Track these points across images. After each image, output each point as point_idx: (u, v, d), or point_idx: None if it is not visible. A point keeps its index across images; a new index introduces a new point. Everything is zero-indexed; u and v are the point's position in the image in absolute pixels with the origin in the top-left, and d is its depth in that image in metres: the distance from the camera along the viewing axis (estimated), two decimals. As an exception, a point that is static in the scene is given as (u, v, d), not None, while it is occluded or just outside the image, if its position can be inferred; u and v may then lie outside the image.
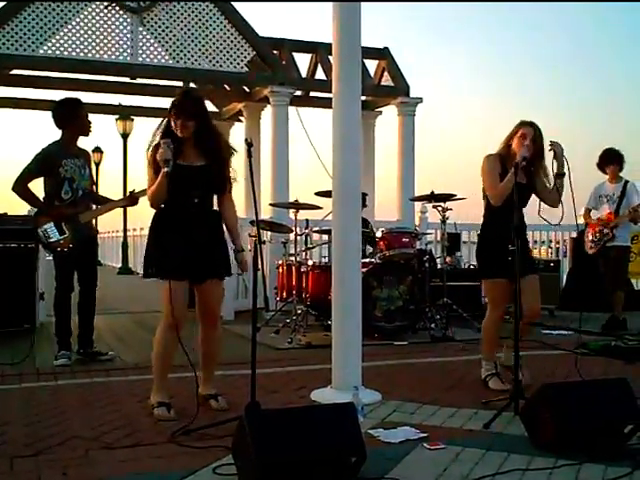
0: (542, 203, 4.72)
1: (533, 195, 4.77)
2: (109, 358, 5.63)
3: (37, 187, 5.37)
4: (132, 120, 17.16)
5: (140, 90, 10.31)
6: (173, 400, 4.11)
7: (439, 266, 8.04)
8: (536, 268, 4.88)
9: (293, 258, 7.45)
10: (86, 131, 5.54)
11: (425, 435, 3.60)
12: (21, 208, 7.59)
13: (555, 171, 4.57)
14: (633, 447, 3.42)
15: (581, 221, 9.37)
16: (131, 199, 5.44)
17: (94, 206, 5.59)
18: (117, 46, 8.58)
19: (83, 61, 8.46)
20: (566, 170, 4.54)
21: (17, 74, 9.30)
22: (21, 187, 5.30)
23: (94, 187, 5.69)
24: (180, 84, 10.31)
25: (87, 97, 10.46)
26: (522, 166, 4.51)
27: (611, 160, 7.56)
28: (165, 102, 11.35)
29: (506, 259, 4.45)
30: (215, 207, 4.15)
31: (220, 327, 4.28)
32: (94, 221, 5.72)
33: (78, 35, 8.42)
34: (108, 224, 20.44)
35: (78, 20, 8.41)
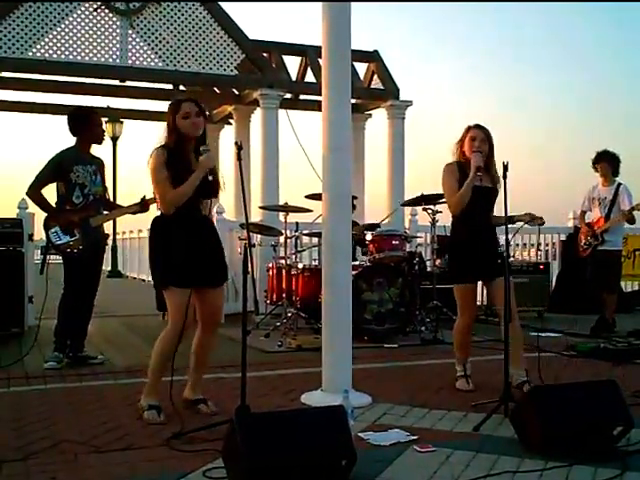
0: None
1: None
2: (99, 362, 5.61)
3: (51, 191, 5.45)
4: (121, 123, 17.10)
5: (129, 93, 10.29)
6: (162, 404, 4.10)
7: (429, 269, 8.06)
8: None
9: (283, 261, 7.45)
10: (99, 140, 5.61)
11: (415, 438, 3.61)
12: (9, 211, 7.58)
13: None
14: (622, 449, 3.43)
15: (570, 224, 9.43)
16: (143, 205, 5.30)
17: (105, 212, 5.60)
18: (106, 49, 8.57)
19: (72, 63, 8.45)
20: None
21: (5, 77, 9.26)
22: (34, 192, 5.37)
23: (107, 195, 5.69)
24: (169, 87, 10.31)
25: (75, 100, 10.49)
26: (479, 176, 4.59)
27: (602, 158, 7.55)
28: (154, 105, 11.36)
29: (475, 264, 4.61)
30: None
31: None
32: (105, 228, 5.68)
33: (67, 37, 8.41)
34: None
35: (67, 22, 8.40)
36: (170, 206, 3.91)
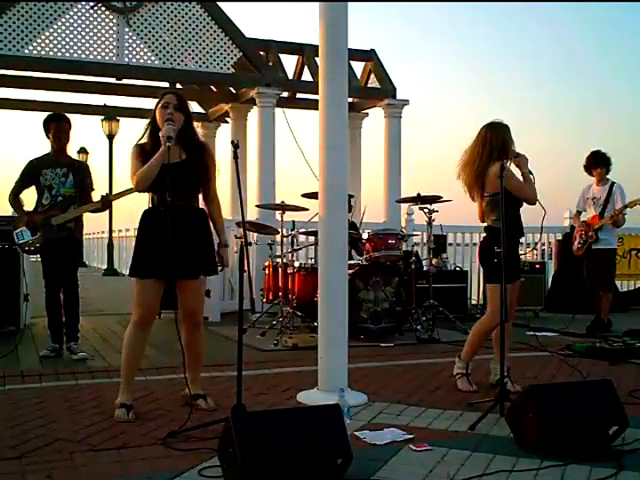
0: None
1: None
2: (79, 358, 5.70)
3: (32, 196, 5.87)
4: (117, 121, 17.11)
5: (126, 91, 10.26)
6: (158, 402, 4.11)
7: (425, 268, 8.06)
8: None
9: (279, 260, 7.45)
10: (60, 144, 5.85)
11: (411, 437, 3.61)
12: (6, 209, 7.56)
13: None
14: (617, 448, 3.44)
15: (567, 223, 9.46)
16: (103, 203, 5.61)
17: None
18: (103, 46, 8.54)
19: (69, 61, 8.41)
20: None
21: (2, 74, 9.23)
22: (11, 197, 5.83)
23: (90, 195, 5.87)
24: (166, 85, 10.28)
25: (72, 97, 10.48)
26: None
27: (598, 163, 7.61)
28: (151, 103, 11.33)
29: (514, 262, 4.61)
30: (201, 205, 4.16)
31: (203, 326, 4.25)
32: (79, 224, 5.84)
33: (64, 35, 8.38)
34: (94, 225, 20.32)
35: (64, 20, 8.36)
36: (137, 183, 3.93)
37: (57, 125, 5.84)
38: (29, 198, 5.85)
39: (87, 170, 5.97)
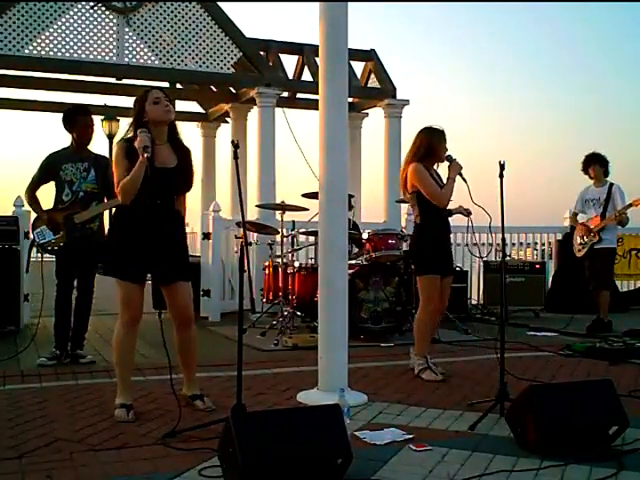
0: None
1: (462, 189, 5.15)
2: (88, 361, 5.54)
3: (50, 193, 5.58)
4: (118, 121, 17.05)
5: (126, 91, 10.27)
6: (157, 402, 4.11)
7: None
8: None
9: (279, 260, 7.44)
10: (84, 138, 5.60)
11: (411, 437, 3.61)
12: (5, 209, 7.56)
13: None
14: (617, 448, 3.44)
15: (567, 223, 9.45)
16: None
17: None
18: (103, 46, 8.55)
19: (69, 61, 8.43)
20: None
21: (1, 74, 9.24)
22: (27, 194, 5.56)
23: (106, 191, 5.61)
24: (166, 84, 10.29)
25: (72, 97, 10.48)
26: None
27: (592, 161, 7.63)
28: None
29: (442, 257, 5.04)
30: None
31: (194, 326, 4.21)
32: (102, 227, 5.60)
33: (64, 35, 8.39)
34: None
35: (64, 20, 8.38)
36: (123, 195, 3.87)
37: (84, 118, 5.60)
38: (45, 195, 5.61)
39: (110, 165, 5.80)
